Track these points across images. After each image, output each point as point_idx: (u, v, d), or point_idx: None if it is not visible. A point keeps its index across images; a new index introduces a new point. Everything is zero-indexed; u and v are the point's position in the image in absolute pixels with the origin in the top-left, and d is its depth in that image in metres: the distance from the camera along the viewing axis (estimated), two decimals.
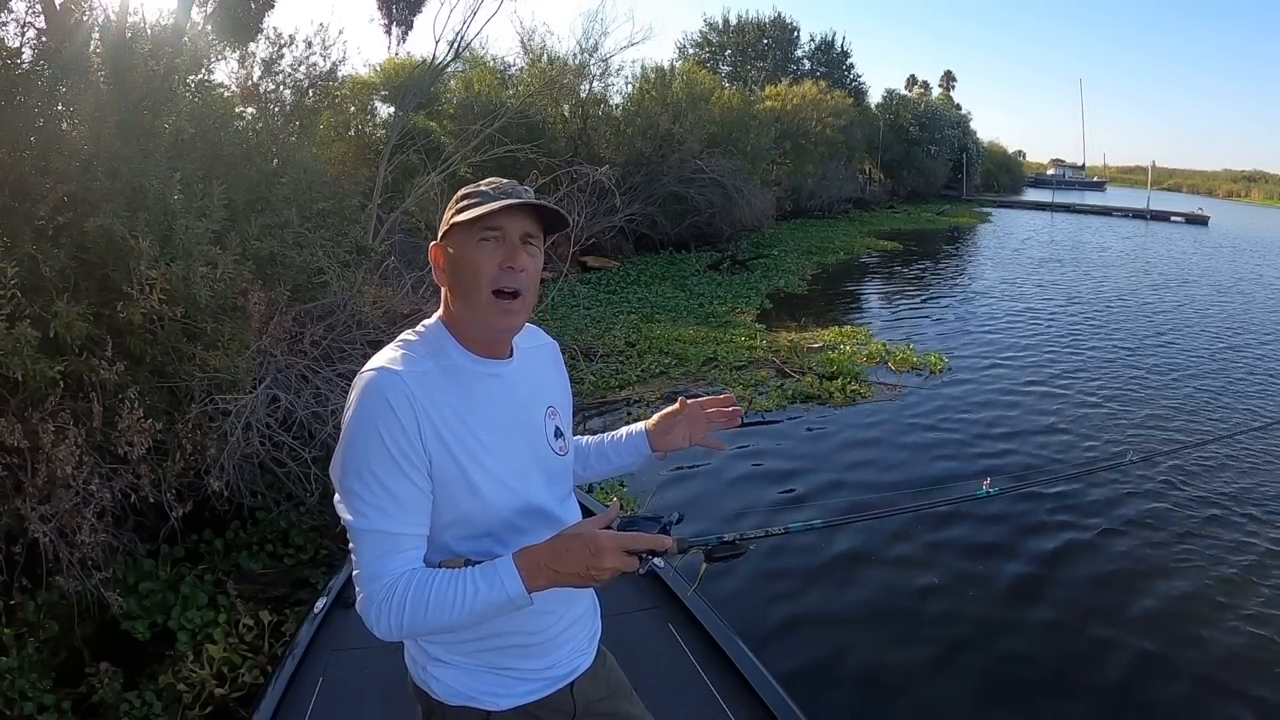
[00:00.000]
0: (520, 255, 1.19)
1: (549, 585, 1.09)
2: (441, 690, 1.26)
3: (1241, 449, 5.80)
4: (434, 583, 1.09)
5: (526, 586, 1.08)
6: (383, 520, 1.11)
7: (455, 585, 1.09)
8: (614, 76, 15.51)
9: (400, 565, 1.11)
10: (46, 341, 2.89)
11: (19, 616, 2.89)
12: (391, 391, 1.12)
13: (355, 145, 9.90)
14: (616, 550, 1.09)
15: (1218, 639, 3.53)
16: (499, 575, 1.08)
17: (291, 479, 3.80)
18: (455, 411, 1.17)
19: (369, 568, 1.11)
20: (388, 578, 1.10)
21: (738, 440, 5.76)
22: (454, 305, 1.23)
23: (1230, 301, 12.86)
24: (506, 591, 1.08)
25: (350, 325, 4.58)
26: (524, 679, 1.27)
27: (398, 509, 1.12)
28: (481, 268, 1.17)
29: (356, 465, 1.12)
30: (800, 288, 12.24)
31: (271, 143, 5.21)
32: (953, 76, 50.61)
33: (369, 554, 1.11)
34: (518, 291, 1.19)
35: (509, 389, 1.25)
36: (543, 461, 1.28)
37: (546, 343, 1.43)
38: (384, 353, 1.20)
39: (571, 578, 1.09)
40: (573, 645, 1.33)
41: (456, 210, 1.20)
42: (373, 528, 1.11)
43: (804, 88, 24.02)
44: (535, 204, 1.19)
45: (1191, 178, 66.25)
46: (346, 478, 1.13)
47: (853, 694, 3.18)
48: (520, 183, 1.24)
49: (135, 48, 4.01)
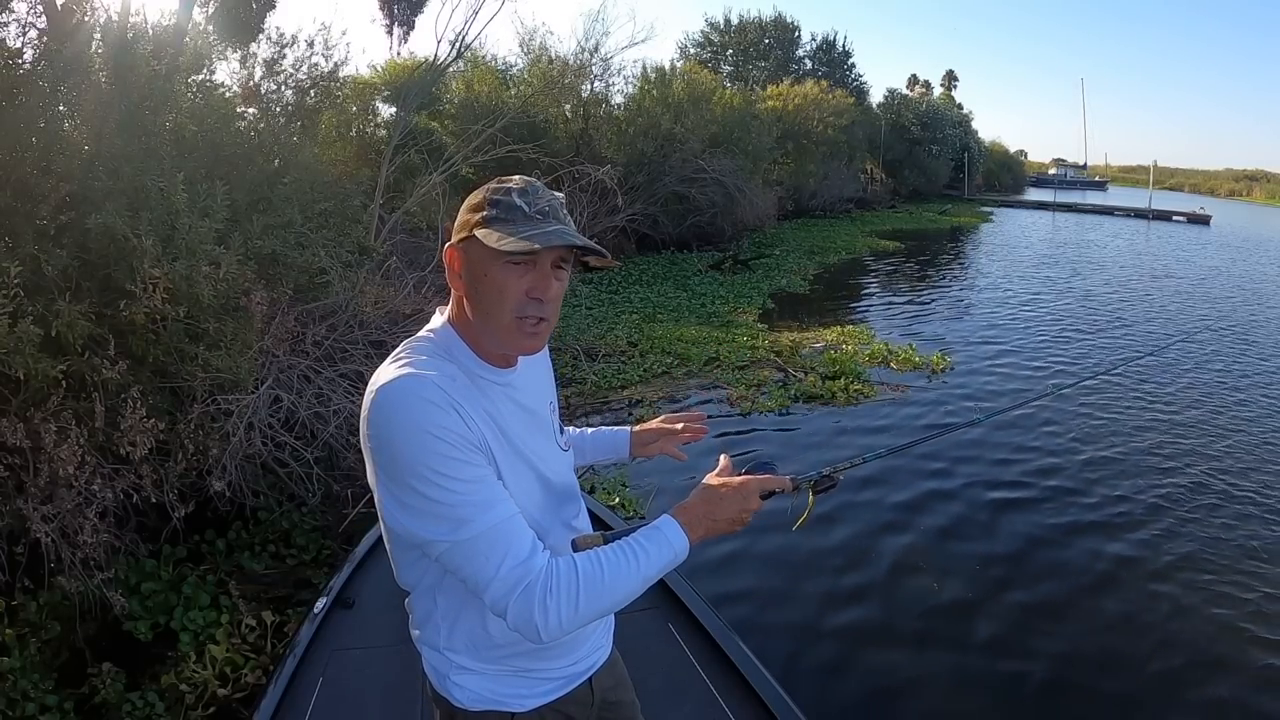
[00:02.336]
0: (550, 284, 1.11)
1: (707, 535, 1.15)
2: (464, 697, 1.23)
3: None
4: (602, 562, 1.05)
5: (690, 539, 1.12)
6: (489, 513, 1.03)
7: (626, 554, 1.07)
8: (615, 76, 15.50)
9: (536, 547, 1.05)
10: (48, 341, 2.89)
11: (21, 617, 2.89)
12: (428, 391, 1.04)
13: (357, 145, 9.90)
14: (757, 492, 1.18)
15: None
16: (664, 535, 1.11)
17: (294, 479, 3.80)
18: (487, 413, 1.12)
19: (504, 565, 1.02)
20: (536, 561, 1.03)
21: (740, 441, 5.75)
22: (470, 315, 1.16)
23: (1235, 298, 12.83)
24: (674, 548, 1.11)
25: (352, 325, 4.58)
26: (548, 679, 1.27)
27: (495, 493, 1.05)
28: (507, 291, 1.10)
29: (422, 475, 1.01)
30: (802, 288, 12.22)
31: (273, 143, 5.20)
32: (954, 76, 50.64)
33: (495, 552, 1.02)
34: (543, 317, 1.13)
35: (519, 396, 1.23)
36: (556, 462, 1.28)
37: None
38: (399, 361, 1.11)
39: (724, 524, 1.15)
40: (594, 639, 1.34)
41: (483, 220, 1.09)
42: (485, 525, 1.02)
43: (805, 87, 23.99)
44: (575, 239, 1.10)
45: (1193, 177, 66.23)
46: (410, 497, 1.03)
47: (854, 694, 3.18)
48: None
49: (137, 48, 4.01)
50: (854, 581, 3.95)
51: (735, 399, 6.55)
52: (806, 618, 3.64)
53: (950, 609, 3.74)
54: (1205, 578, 4.04)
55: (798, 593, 3.83)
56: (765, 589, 3.84)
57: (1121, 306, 11.92)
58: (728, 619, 2.70)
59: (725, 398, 6.61)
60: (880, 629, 3.58)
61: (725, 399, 6.59)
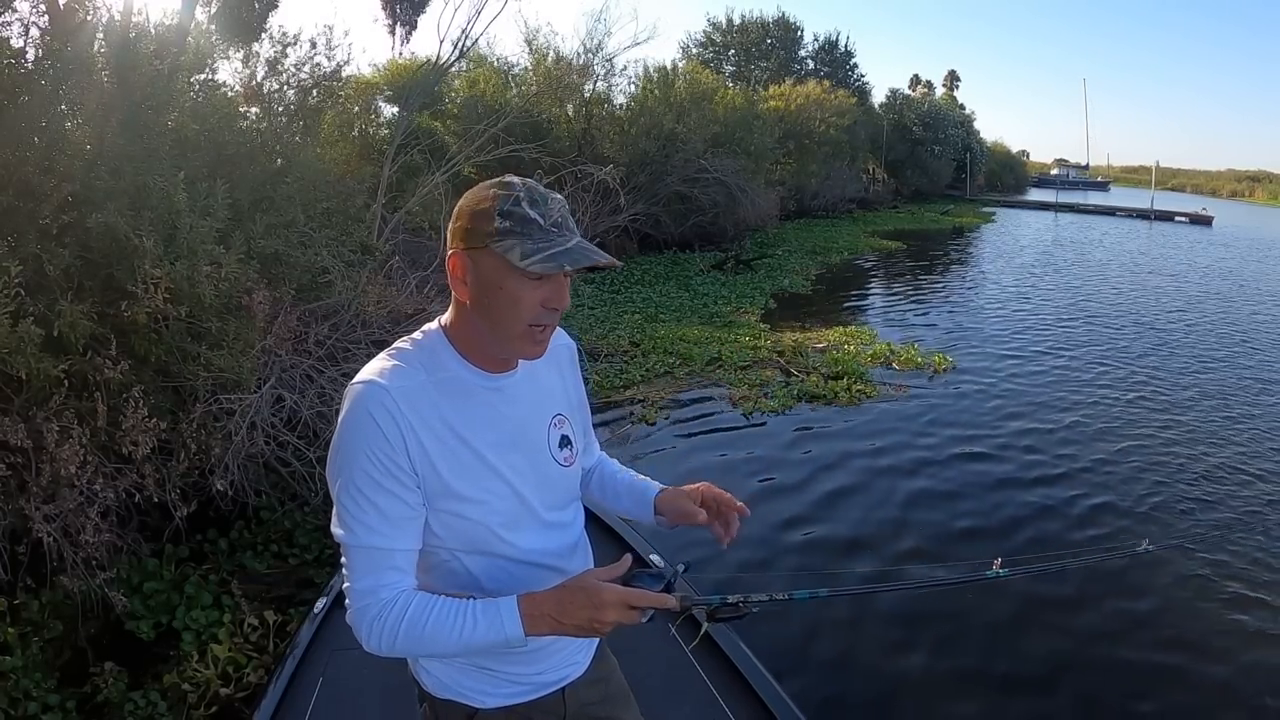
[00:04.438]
0: (565, 294, 1.13)
1: (550, 633, 1.10)
2: (432, 683, 1.27)
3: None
4: (434, 609, 1.09)
5: (525, 631, 1.08)
6: (371, 537, 1.10)
7: (455, 615, 1.09)
8: (618, 76, 15.52)
9: (392, 582, 1.11)
10: (50, 340, 2.89)
11: (23, 616, 2.89)
12: (376, 407, 1.08)
13: (359, 145, 9.89)
14: (620, 606, 1.09)
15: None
16: (500, 615, 1.09)
17: (296, 479, 3.80)
18: (447, 424, 1.13)
19: (360, 583, 1.11)
20: (383, 594, 1.10)
21: (743, 442, 5.75)
22: (474, 322, 1.15)
23: (1234, 303, 12.82)
24: (505, 633, 1.08)
25: (354, 325, 4.58)
26: (512, 681, 1.27)
27: (386, 526, 1.10)
28: (522, 303, 1.10)
29: (344, 481, 1.10)
30: (804, 288, 12.22)
31: (275, 142, 5.21)
32: (956, 76, 50.57)
33: (359, 570, 1.11)
34: (551, 324, 1.15)
35: (507, 402, 1.21)
36: (542, 474, 1.24)
37: (562, 344, 1.35)
38: (375, 363, 1.15)
39: (573, 628, 1.09)
40: (565, 654, 1.32)
41: (497, 232, 1.08)
42: (362, 544, 1.10)
43: (808, 87, 23.98)
44: (598, 258, 1.10)
45: (1195, 178, 66.09)
46: (337, 492, 1.12)
47: (854, 694, 3.17)
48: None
49: (139, 47, 4.01)
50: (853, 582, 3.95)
51: (737, 399, 6.54)
52: (806, 617, 3.64)
53: (951, 609, 3.73)
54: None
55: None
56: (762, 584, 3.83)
57: (1122, 306, 11.90)
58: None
59: (727, 398, 6.61)
60: (880, 629, 3.58)
61: (727, 399, 6.59)
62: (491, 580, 1.20)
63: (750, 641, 2.55)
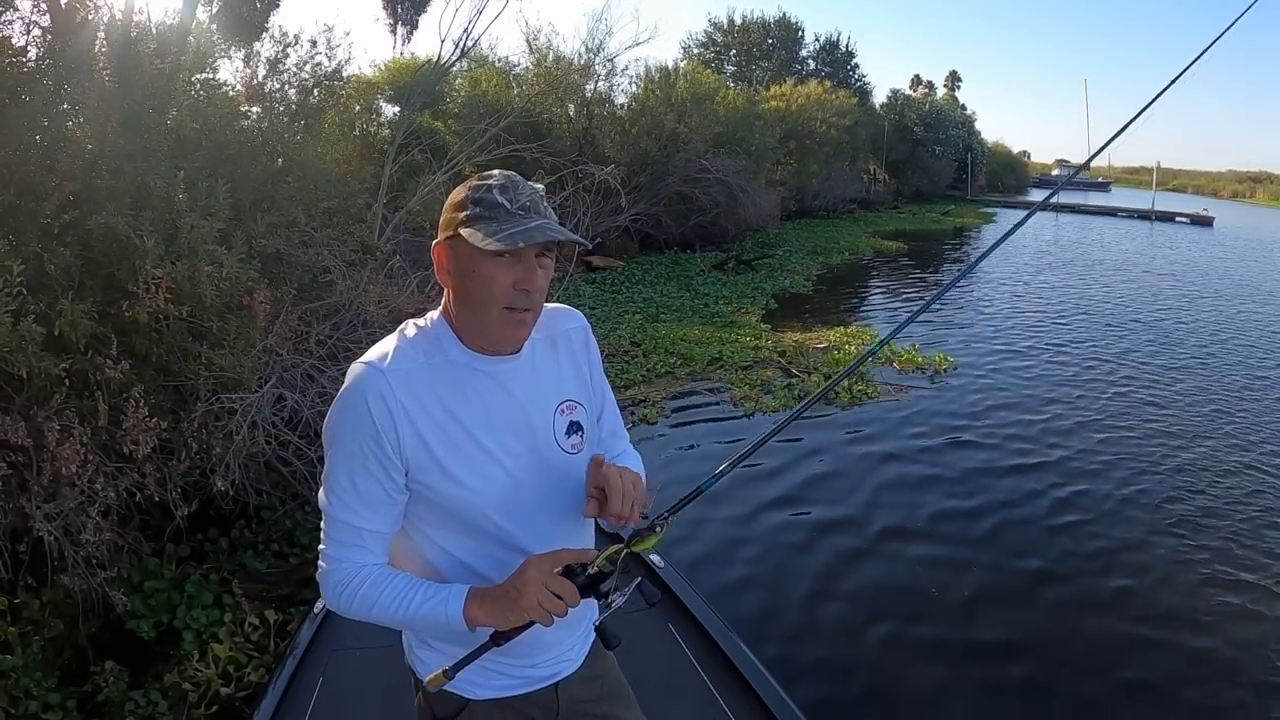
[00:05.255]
0: (535, 275, 1.14)
1: (489, 624, 1.13)
2: (425, 671, 1.27)
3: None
4: (389, 583, 1.16)
5: (466, 617, 1.12)
6: (345, 513, 1.16)
7: (406, 591, 1.15)
8: (619, 76, 15.53)
9: (358, 558, 1.18)
10: (51, 339, 2.89)
11: (24, 615, 2.89)
12: (370, 391, 1.13)
13: (360, 145, 9.88)
14: (538, 581, 1.09)
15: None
16: (445, 601, 1.14)
17: (297, 478, 3.80)
18: (444, 408, 1.15)
19: (332, 550, 1.19)
20: (348, 565, 1.18)
21: (743, 442, 5.75)
22: (457, 309, 1.19)
23: (1232, 305, 12.81)
24: (447, 616, 1.13)
25: (356, 324, 4.57)
26: (504, 674, 1.28)
27: (361, 506, 1.16)
28: (494, 284, 1.12)
29: (332, 456, 1.16)
30: (805, 288, 12.22)
31: (276, 142, 5.20)
32: (957, 76, 50.54)
33: (333, 538, 1.19)
34: (529, 308, 1.16)
35: (506, 387, 1.20)
36: (542, 461, 1.22)
37: (574, 327, 1.33)
38: (379, 345, 1.19)
39: (512, 621, 1.11)
40: (559, 650, 1.32)
41: (467, 219, 1.11)
42: (337, 516, 1.17)
43: (809, 88, 23.99)
44: (557, 234, 1.11)
45: (1196, 178, 66.06)
46: (326, 463, 1.18)
47: (854, 694, 3.17)
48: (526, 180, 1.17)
49: (140, 46, 4.01)
50: (854, 581, 3.95)
51: (739, 399, 6.54)
52: (805, 618, 3.64)
53: (950, 609, 3.73)
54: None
55: (795, 592, 3.83)
56: (764, 586, 3.83)
57: (1122, 306, 11.89)
58: (726, 615, 2.70)
59: (729, 398, 6.61)
60: (880, 628, 3.58)
61: (729, 399, 6.59)
62: (485, 565, 1.20)
63: (750, 641, 2.55)
